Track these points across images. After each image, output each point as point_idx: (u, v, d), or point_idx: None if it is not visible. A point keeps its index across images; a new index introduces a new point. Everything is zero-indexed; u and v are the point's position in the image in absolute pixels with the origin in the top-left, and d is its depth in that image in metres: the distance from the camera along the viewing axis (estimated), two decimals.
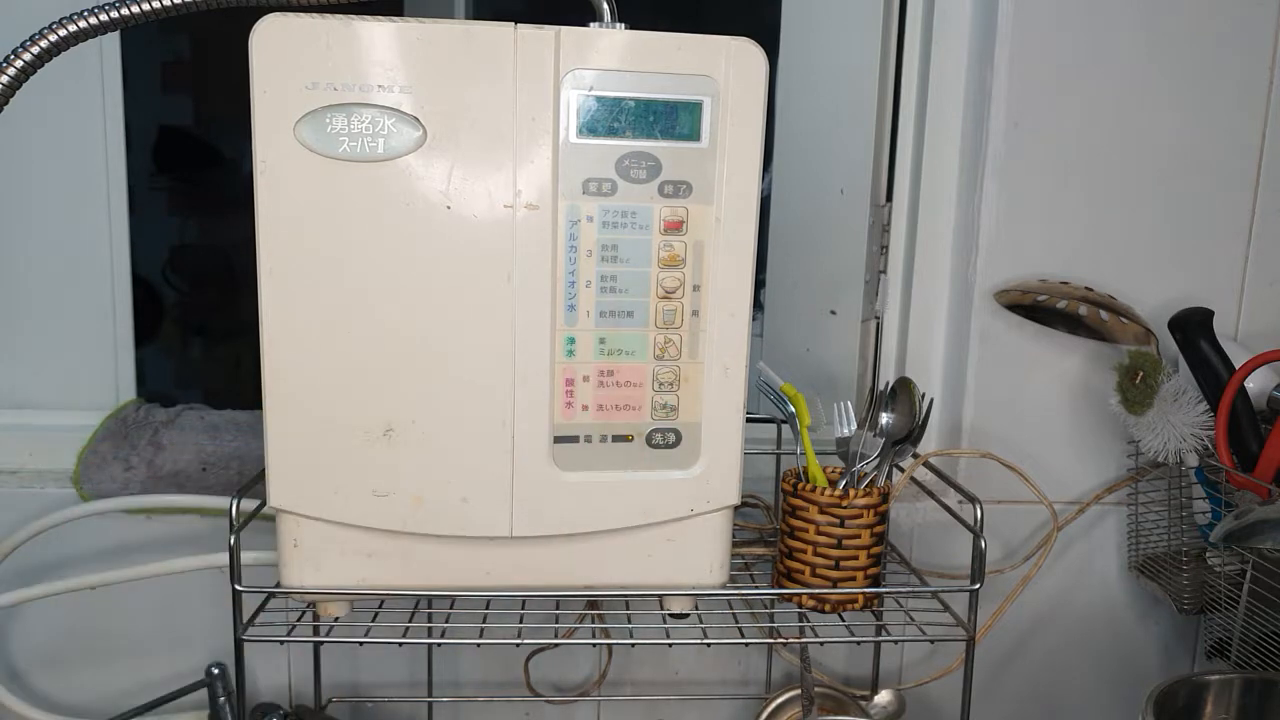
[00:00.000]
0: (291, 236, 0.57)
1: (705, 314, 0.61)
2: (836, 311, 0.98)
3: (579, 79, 0.58)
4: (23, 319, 0.91)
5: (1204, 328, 0.81)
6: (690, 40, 0.58)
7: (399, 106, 0.56)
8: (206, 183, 2.19)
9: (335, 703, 0.88)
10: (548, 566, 0.64)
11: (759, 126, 0.59)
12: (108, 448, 0.86)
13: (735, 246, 0.61)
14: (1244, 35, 0.85)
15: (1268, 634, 0.78)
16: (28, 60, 0.56)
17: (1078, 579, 0.93)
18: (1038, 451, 0.89)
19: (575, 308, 0.60)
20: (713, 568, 0.66)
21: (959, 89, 0.89)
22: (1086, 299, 0.84)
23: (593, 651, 0.90)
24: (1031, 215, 0.86)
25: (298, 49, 0.55)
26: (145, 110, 2.07)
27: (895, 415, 0.72)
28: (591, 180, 0.59)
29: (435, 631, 0.73)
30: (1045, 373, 0.89)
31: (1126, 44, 0.84)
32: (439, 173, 0.57)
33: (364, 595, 0.64)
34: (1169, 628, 0.95)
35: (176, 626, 0.87)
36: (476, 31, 0.56)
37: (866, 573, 0.69)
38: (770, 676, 0.92)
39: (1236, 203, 0.88)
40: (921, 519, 0.90)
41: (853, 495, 0.68)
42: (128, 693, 0.87)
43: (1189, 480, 0.84)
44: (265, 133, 0.56)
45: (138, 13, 0.57)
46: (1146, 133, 0.86)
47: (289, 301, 0.58)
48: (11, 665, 0.87)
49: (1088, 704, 0.96)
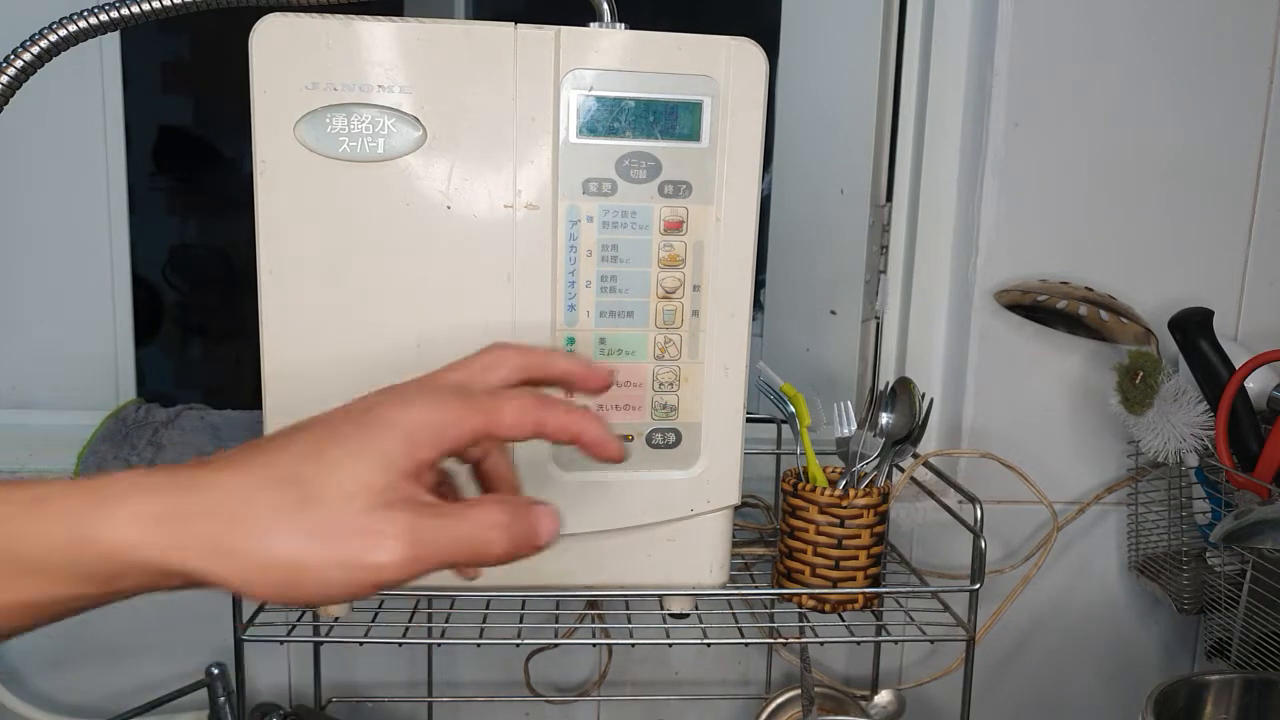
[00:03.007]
0: (291, 236, 0.57)
1: (705, 314, 0.61)
2: (836, 311, 0.98)
3: (579, 79, 0.58)
4: (23, 319, 0.91)
5: (1204, 328, 0.81)
6: (690, 40, 0.58)
7: (399, 106, 0.56)
8: (206, 183, 2.19)
9: (335, 703, 0.88)
10: (547, 566, 0.64)
11: (759, 126, 0.59)
12: (107, 448, 0.86)
13: (735, 246, 0.61)
14: (1244, 35, 0.85)
15: (1268, 634, 0.78)
16: (28, 60, 0.56)
17: (1078, 579, 0.93)
18: (1038, 451, 0.89)
19: (575, 308, 0.60)
20: (713, 568, 0.66)
21: (959, 89, 0.89)
22: (1086, 299, 0.84)
23: (593, 651, 0.90)
24: (1031, 215, 0.86)
25: (298, 49, 0.55)
26: (145, 110, 2.08)
27: (895, 415, 0.72)
28: (591, 180, 0.59)
29: (435, 631, 0.73)
30: (1045, 373, 0.89)
31: (1126, 44, 0.84)
32: (439, 173, 0.57)
33: None
34: (1169, 628, 0.95)
35: (176, 626, 0.87)
36: (476, 31, 0.56)
37: (866, 573, 0.69)
38: (770, 676, 0.92)
39: (1236, 203, 0.88)
40: (921, 519, 0.90)
41: (853, 495, 0.68)
42: (128, 693, 0.87)
43: (1189, 480, 0.84)
44: (265, 133, 0.56)
45: (138, 13, 0.57)
46: (1147, 133, 0.86)
47: (289, 301, 0.58)
48: (11, 665, 0.87)
49: (1088, 704, 0.96)
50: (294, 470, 0.35)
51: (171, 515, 0.34)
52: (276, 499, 0.34)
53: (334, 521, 0.34)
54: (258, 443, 0.37)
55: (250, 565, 0.34)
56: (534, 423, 0.40)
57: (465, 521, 0.36)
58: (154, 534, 0.34)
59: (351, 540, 0.34)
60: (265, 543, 0.34)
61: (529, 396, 0.40)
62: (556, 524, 0.39)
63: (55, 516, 0.33)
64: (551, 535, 0.38)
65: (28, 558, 0.34)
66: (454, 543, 0.36)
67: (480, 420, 0.38)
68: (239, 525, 0.34)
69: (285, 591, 0.35)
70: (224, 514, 0.34)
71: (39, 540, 0.33)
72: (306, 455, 0.36)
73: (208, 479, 0.35)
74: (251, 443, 0.37)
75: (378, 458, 0.36)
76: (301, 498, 0.34)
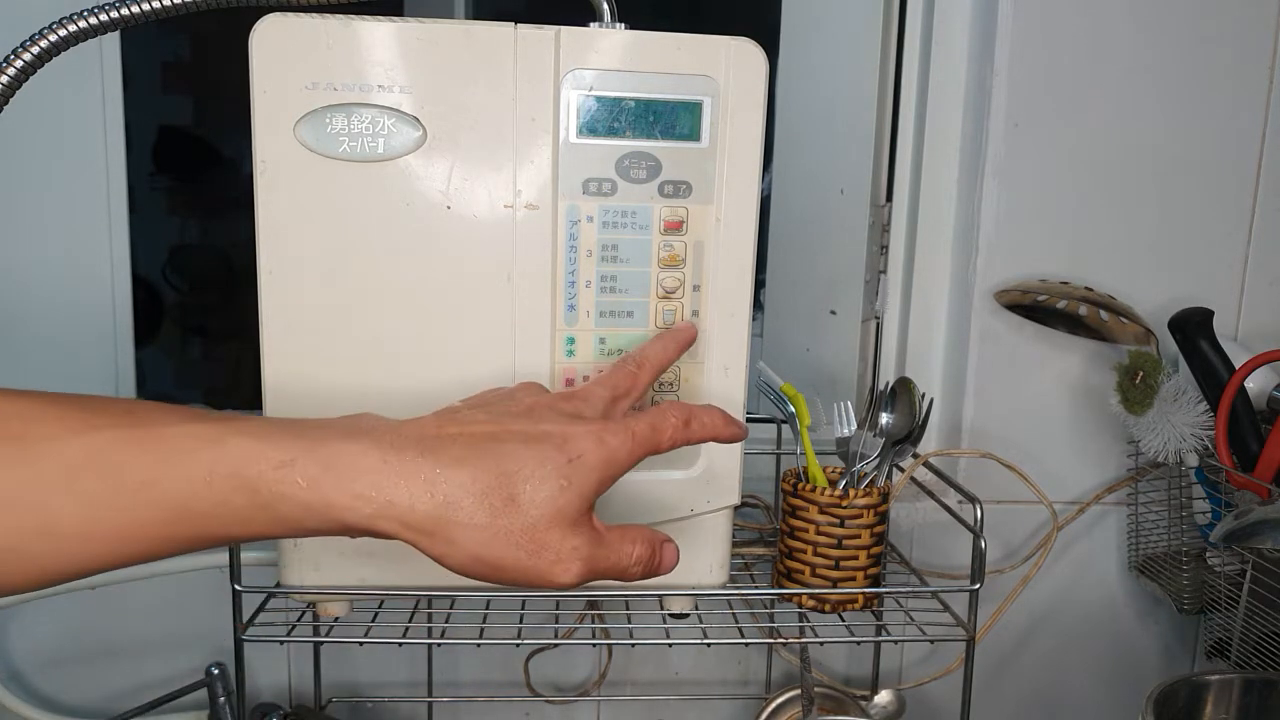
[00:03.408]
0: (291, 236, 0.57)
1: (705, 314, 0.61)
2: (836, 311, 0.98)
3: (579, 79, 0.58)
4: (23, 319, 0.91)
5: (1204, 328, 0.81)
6: (690, 40, 0.58)
7: (399, 106, 0.56)
8: (206, 183, 2.19)
9: (335, 703, 0.88)
10: None
11: (759, 126, 0.59)
12: None
13: (735, 246, 0.61)
14: (1244, 35, 0.85)
15: (1268, 634, 0.78)
16: (28, 60, 0.56)
17: (1078, 579, 0.93)
18: (1038, 451, 0.89)
19: (575, 308, 0.60)
20: (713, 568, 0.66)
21: (959, 89, 0.89)
22: (1086, 299, 0.84)
23: (593, 651, 0.90)
24: (1031, 215, 0.86)
25: (298, 49, 0.55)
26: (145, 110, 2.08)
27: (895, 415, 0.72)
28: (591, 180, 0.59)
29: (435, 631, 0.73)
30: (1045, 373, 0.89)
31: (1126, 44, 0.84)
32: (439, 173, 0.57)
33: (364, 595, 0.64)
34: (1169, 628, 0.95)
35: (176, 626, 0.87)
36: (476, 31, 0.56)
37: (866, 573, 0.69)
38: (770, 676, 0.92)
39: (1236, 203, 0.88)
40: (921, 519, 0.90)
41: (853, 495, 0.68)
42: (128, 693, 0.87)
43: (1189, 480, 0.84)
44: (265, 133, 0.56)
45: (138, 13, 0.57)
46: (1146, 132, 0.86)
47: (289, 301, 0.58)
48: (11, 665, 0.87)
49: (1088, 704, 0.96)
50: (513, 489, 0.42)
51: (404, 504, 0.40)
52: (497, 506, 0.41)
53: (538, 540, 0.42)
54: (470, 435, 0.43)
55: (465, 556, 0.41)
56: (683, 440, 0.48)
57: (619, 553, 0.45)
58: (385, 516, 0.40)
59: (546, 557, 0.42)
60: (481, 542, 0.41)
61: (673, 418, 0.48)
62: (677, 558, 0.48)
63: (300, 484, 0.40)
64: (673, 566, 0.48)
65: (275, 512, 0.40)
66: (609, 569, 0.45)
67: (642, 451, 0.46)
68: (465, 527, 0.41)
69: (484, 576, 0.42)
70: (453, 511, 0.41)
71: (288, 505, 0.40)
72: (520, 475, 0.42)
73: (440, 475, 0.41)
74: (461, 431, 0.44)
75: (577, 493, 0.43)
76: (515, 515, 0.42)
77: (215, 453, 0.39)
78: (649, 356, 0.56)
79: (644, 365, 0.55)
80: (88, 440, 0.38)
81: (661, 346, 0.57)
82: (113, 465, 0.38)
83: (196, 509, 0.39)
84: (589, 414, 0.48)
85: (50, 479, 0.37)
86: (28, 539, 0.37)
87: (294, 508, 0.40)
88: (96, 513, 0.37)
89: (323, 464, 0.40)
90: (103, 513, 0.38)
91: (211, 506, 0.39)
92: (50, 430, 0.38)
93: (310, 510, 0.40)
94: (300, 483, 0.39)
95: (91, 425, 0.38)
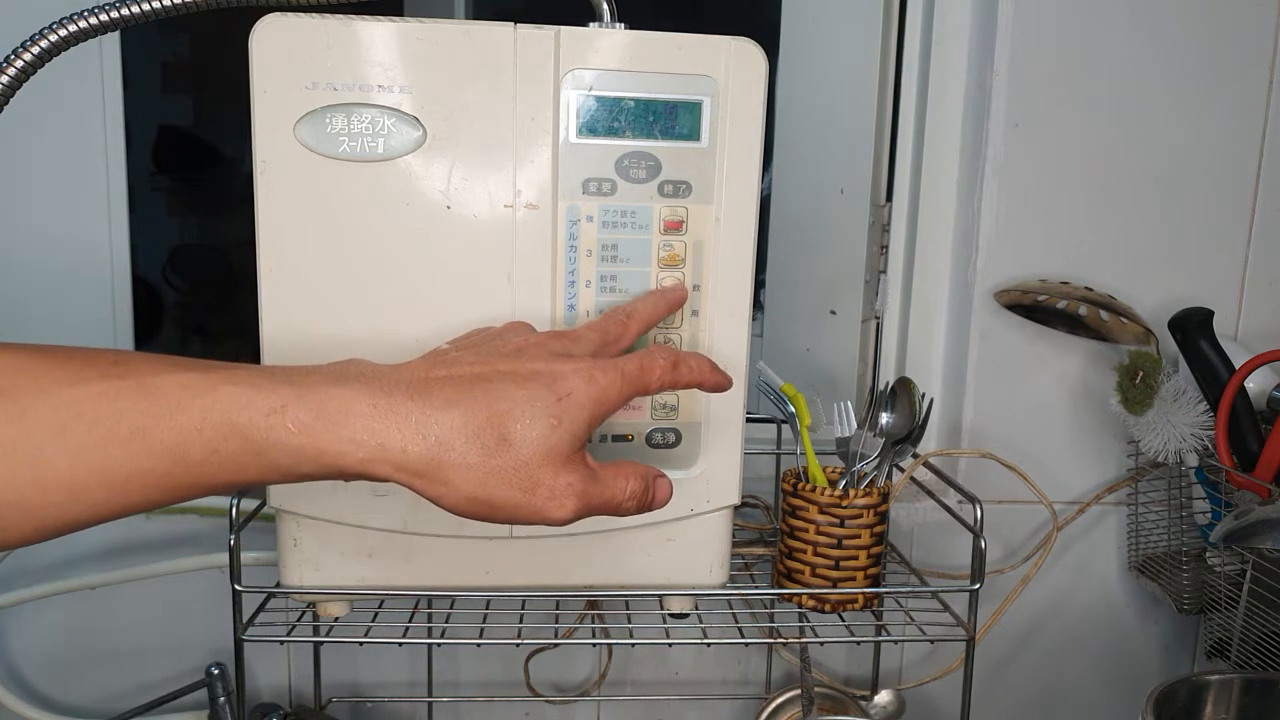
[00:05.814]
0: (291, 236, 0.57)
1: (705, 314, 0.61)
2: (836, 311, 0.98)
3: (579, 79, 0.58)
4: (23, 319, 0.91)
5: (1204, 328, 0.81)
6: (690, 40, 0.58)
7: (399, 106, 0.56)
8: (206, 183, 2.19)
9: (335, 703, 0.88)
10: (547, 566, 0.64)
11: (759, 126, 0.59)
12: None
13: (735, 246, 0.61)
14: (1244, 35, 0.85)
15: (1268, 634, 0.78)
16: (28, 60, 0.56)
17: (1078, 579, 0.93)
18: (1038, 451, 0.89)
19: (575, 308, 0.60)
20: (713, 568, 0.66)
21: (959, 89, 0.89)
22: (1086, 299, 0.84)
23: (593, 651, 0.90)
24: (1031, 215, 0.87)
25: (298, 49, 0.55)
26: (145, 110, 2.08)
27: (895, 415, 0.72)
28: (591, 180, 0.59)
29: (435, 631, 0.73)
30: (1045, 373, 0.89)
31: (1126, 44, 0.84)
32: (439, 173, 0.57)
33: (364, 595, 0.64)
34: (1169, 628, 0.95)
35: (176, 626, 0.87)
36: (476, 31, 0.56)
37: (866, 573, 0.69)
38: (770, 676, 0.92)
39: (1236, 203, 0.88)
40: (921, 519, 0.90)
41: (853, 495, 0.68)
42: (128, 693, 0.87)
43: (1189, 480, 0.84)
44: (265, 133, 0.56)
45: (138, 13, 0.57)
46: (1146, 132, 0.86)
47: (289, 301, 0.58)
48: (11, 665, 0.87)
49: (1088, 704, 0.96)
50: (504, 428, 0.42)
51: (397, 447, 0.41)
52: (490, 445, 0.42)
53: (532, 478, 0.42)
54: (459, 377, 0.44)
55: (460, 496, 0.42)
56: (670, 383, 0.49)
57: (613, 488, 0.45)
58: (379, 460, 0.41)
59: (541, 495, 0.43)
60: (476, 482, 0.42)
61: (661, 360, 0.48)
62: (670, 492, 0.49)
63: (292, 430, 0.40)
64: (667, 501, 0.48)
65: (269, 459, 0.40)
66: (603, 505, 0.45)
67: (631, 390, 0.46)
68: (458, 468, 0.41)
69: (480, 516, 0.43)
70: (446, 452, 0.41)
71: (280, 451, 0.40)
72: (511, 415, 0.42)
73: (431, 417, 0.41)
74: (450, 373, 0.44)
75: (568, 431, 0.43)
76: (508, 453, 0.42)
77: (206, 401, 0.39)
78: (639, 309, 0.56)
79: (633, 316, 0.55)
80: (78, 392, 0.38)
81: (652, 302, 0.57)
82: (103, 416, 0.38)
83: (190, 457, 0.39)
84: (578, 352, 0.48)
85: (41, 431, 0.37)
86: (25, 492, 0.37)
87: (286, 454, 0.40)
88: (90, 463, 0.38)
89: (313, 410, 0.40)
90: (96, 463, 0.38)
91: (204, 455, 0.39)
92: (39, 384, 0.37)
93: (303, 456, 0.40)
94: (291, 429, 0.39)
95: (81, 377, 0.38)
